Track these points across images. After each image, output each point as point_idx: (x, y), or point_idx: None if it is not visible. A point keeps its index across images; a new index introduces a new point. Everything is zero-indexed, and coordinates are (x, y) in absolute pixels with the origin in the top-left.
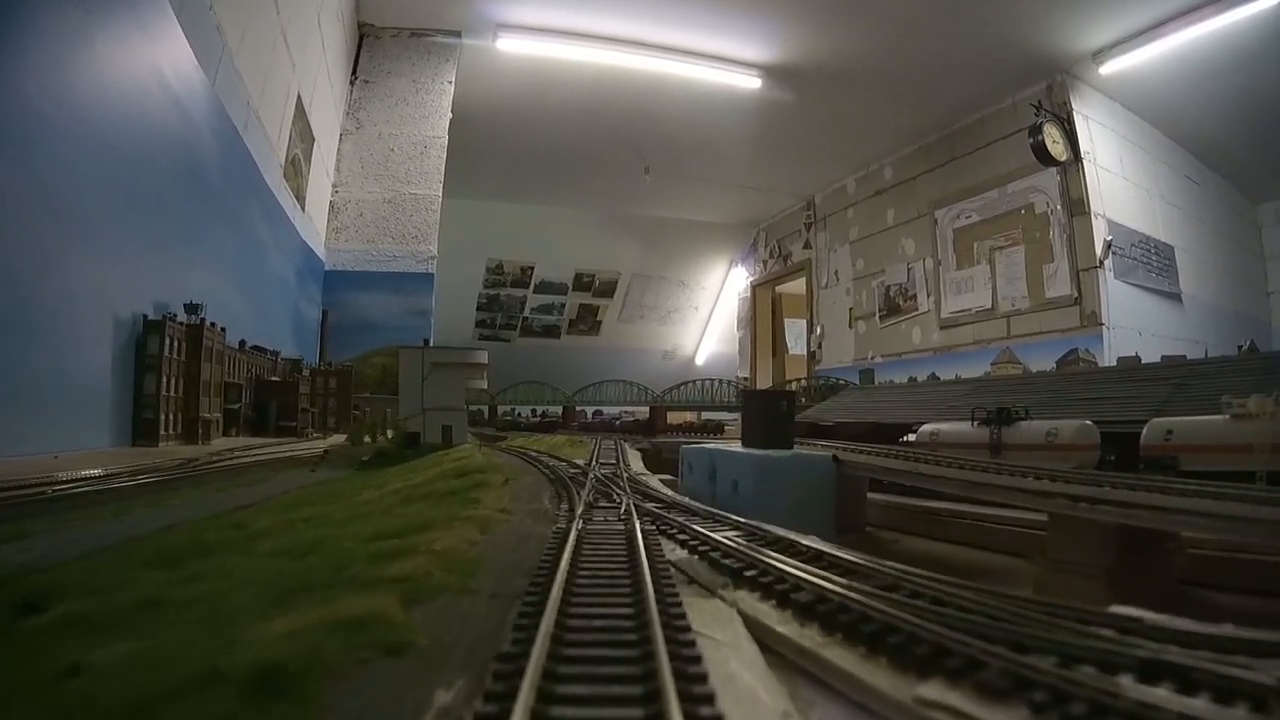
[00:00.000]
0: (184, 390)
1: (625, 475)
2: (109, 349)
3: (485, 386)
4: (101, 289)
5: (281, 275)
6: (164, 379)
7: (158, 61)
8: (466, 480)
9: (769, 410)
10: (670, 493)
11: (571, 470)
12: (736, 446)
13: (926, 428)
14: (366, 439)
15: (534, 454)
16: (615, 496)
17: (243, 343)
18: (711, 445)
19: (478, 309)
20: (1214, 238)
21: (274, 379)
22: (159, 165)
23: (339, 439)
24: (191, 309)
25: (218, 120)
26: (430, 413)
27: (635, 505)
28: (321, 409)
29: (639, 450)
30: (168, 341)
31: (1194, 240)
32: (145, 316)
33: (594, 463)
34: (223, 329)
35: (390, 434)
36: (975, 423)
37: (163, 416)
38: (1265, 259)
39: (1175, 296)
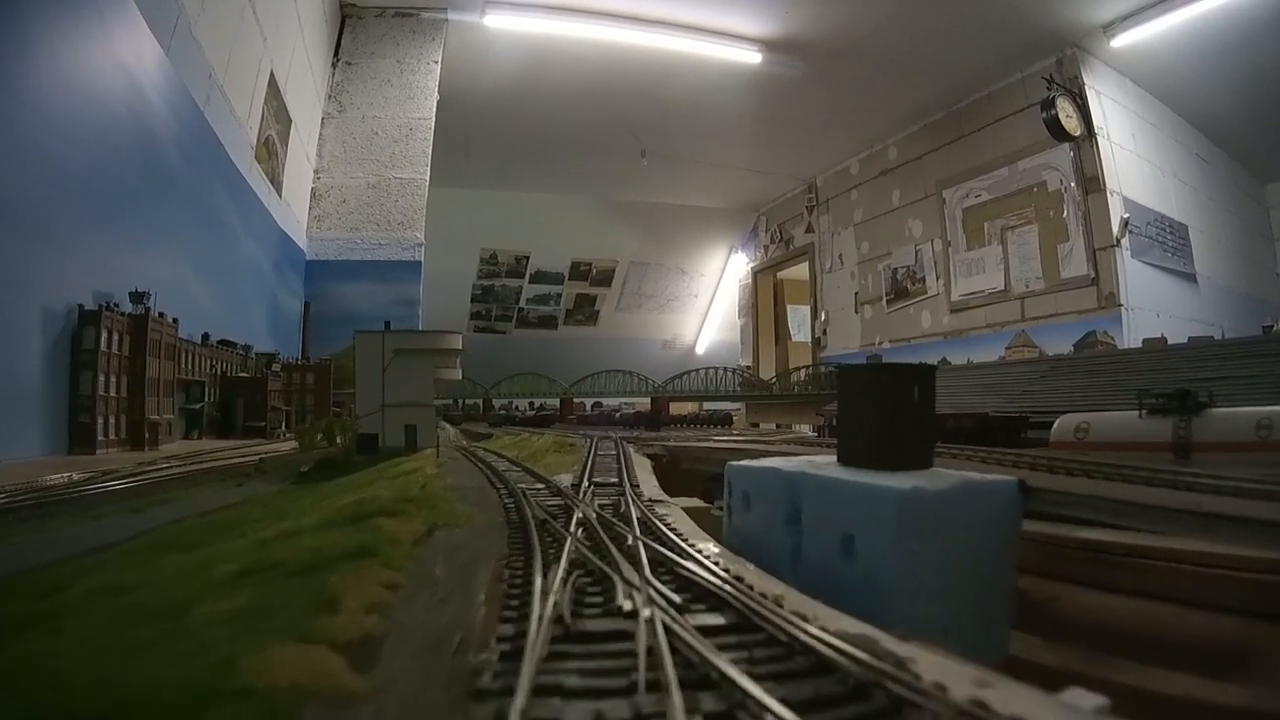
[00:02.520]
0: (128, 390)
1: (634, 511)
2: (38, 344)
3: (460, 376)
4: (26, 276)
5: (255, 264)
6: (102, 377)
7: (98, 22)
8: (357, 534)
9: (890, 399)
10: (727, 573)
11: (550, 501)
12: (826, 462)
13: (1068, 421)
14: (321, 442)
15: (507, 464)
16: (621, 586)
17: (206, 336)
18: (784, 465)
19: (472, 300)
20: (1225, 217)
21: (242, 375)
22: (99, 137)
23: None
24: (137, 298)
25: (172, 92)
26: (391, 410)
27: (668, 625)
28: (299, 407)
29: (647, 456)
30: (105, 334)
31: (1207, 219)
32: (81, 307)
33: (586, 482)
34: (175, 320)
35: (338, 437)
36: (1143, 412)
37: (101, 420)
38: (1275, 239)
39: (1190, 277)
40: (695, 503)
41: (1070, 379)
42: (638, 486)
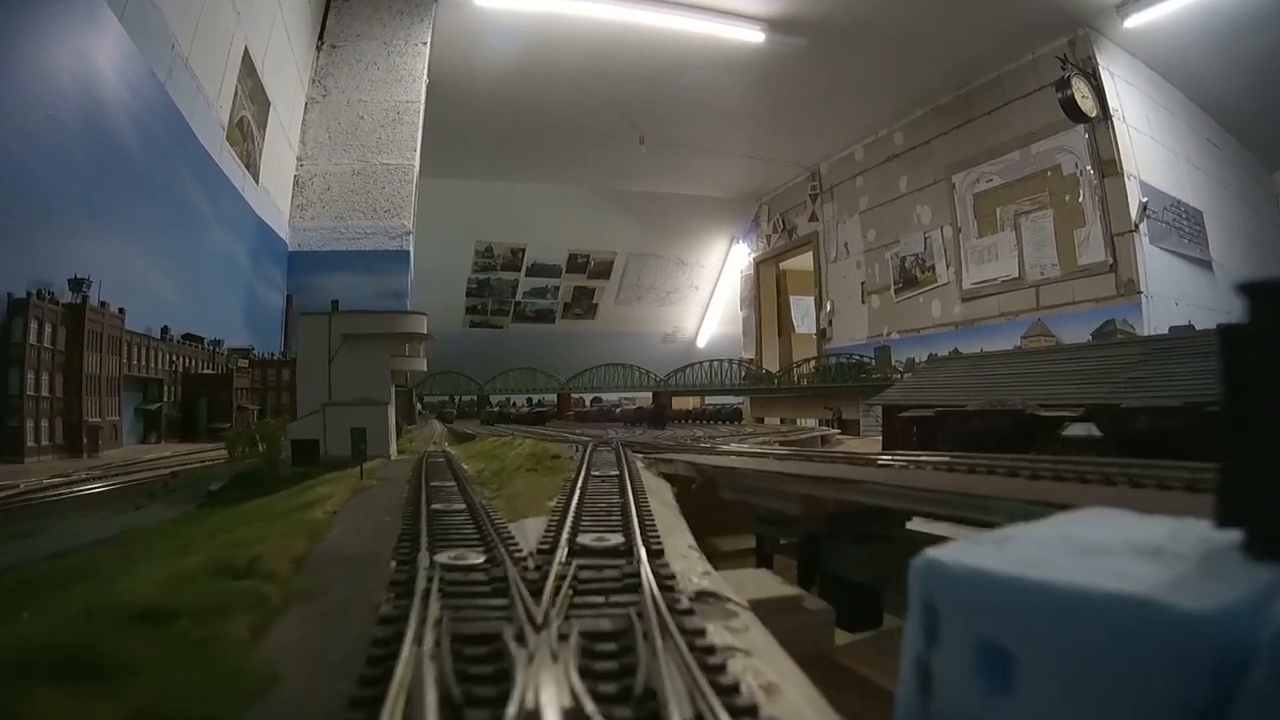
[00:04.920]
0: (64, 389)
1: (669, 674)
2: None
3: (425, 366)
4: None
5: (227, 254)
6: (32, 375)
7: None
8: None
9: None
10: None
11: (480, 617)
12: (1204, 545)
13: None
14: (252, 450)
15: (454, 491)
16: None
17: (166, 330)
18: (1125, 576)
19: (467, 295)
20: (1237, 203)
21: (206, 372)
22: (33, 105)
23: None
24: (75, 285)
25: (126, 61)
26: (335, 410)
27: None
28: (274, 405)
29: (664, 477)
30: (35, 326)
31: (1220, 205)
32: (10, 296)
33: (566, 546)
34: (120, 310)
35: (260, 445)
36: None
37: (31, 423)
38: None
39: (1207, 264)
40: (768, 584)
41: (1179, 363)
42: (661, 555)
